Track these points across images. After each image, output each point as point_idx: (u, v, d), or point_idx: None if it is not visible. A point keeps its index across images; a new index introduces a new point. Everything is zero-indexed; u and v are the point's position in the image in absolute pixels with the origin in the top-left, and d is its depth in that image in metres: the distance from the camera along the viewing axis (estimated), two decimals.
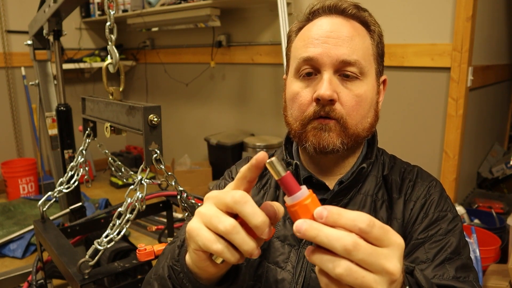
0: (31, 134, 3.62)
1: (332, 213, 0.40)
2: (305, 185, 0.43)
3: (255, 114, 3.12)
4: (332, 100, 0.68)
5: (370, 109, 0.73)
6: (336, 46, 0.69)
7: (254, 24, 2.96)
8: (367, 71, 0.72)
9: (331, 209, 0.41)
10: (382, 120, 0.81)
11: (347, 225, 0.40)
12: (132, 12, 3.26)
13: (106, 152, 1.47)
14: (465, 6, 1.99)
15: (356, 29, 0.72)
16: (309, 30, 0.73)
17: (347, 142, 0.71)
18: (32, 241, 2.44)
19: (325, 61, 0.69)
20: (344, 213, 0.40)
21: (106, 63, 1.14)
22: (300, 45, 0.73)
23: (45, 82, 2.05)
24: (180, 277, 0.52)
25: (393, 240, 0.41)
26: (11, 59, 3.41)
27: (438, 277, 0.65)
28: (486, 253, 1.83)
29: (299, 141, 0.75)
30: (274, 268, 0.75)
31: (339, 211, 0.40)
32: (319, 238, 0.40)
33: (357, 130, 0.72)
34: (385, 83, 0.80)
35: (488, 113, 2.72)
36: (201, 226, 0.45)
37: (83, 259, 1.01)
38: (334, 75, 0.70)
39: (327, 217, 0.40)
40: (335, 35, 0.70)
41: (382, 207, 0.74)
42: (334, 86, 0.69)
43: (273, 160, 0.42)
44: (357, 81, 0.71)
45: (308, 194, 0.43)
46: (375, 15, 0.79)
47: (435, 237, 0.69)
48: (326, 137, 0.70)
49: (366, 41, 0.73)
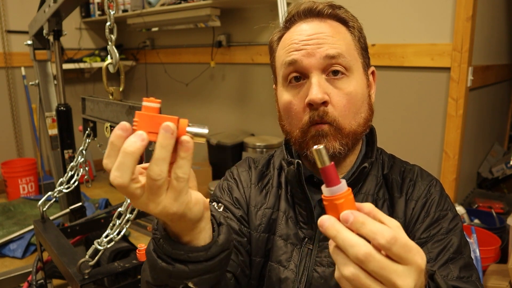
0: (31, 134, 3.62)
1: (357, 221, 0.41)
2: (344, 180, 0.44)
3: (255, 114, 3.12)
4: (324, 102, 0.69)
5: (362, 104, 0.73)
6: (318, 45, 0.69)
7: (254, 24, 2.96)
8: (353, 66, 0.72)
9: (358, 216, 0.41)
10: (382, 120, 0.81)
11: (368, 237, 0.40)
12: (132, 12, 3.26)
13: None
14: (465, 6, 1.99)
15: (335, 28, 0.72)
16: (289, 37, 0.73)
17: (346, 142, 0.71)
18: (32, 241, 2.44)
19: (310, 62, 0.69)
20: (368, 224, 0.41)
21: (106, 63, 1.14)
22: (283, 52, 0.74)
23: (45, 82, 2.05)
24: (161, 243, 0.50)
25: (413, 260, 0.41)
26: (11, 59, 3.41)
27: (442, 278, 0.65)
28: (486, 253, 1.83)
29: (299, 149, 0.75)
30: (277, 267, 0.75)
31: (364, 220, 0.41)
32: (336, 239, 0.41)
33: (352, 127, 0.72)
34: (374, 74, 0.80)
35: (488, 113, 2.72)
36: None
37: (83, 259, 1.01)
38: (322, 76, 0.70)
39: (351, 224, 0.41)
40: (315, 37, 0.70)
41: (384, 207, 0.74)
42: (324, 87, 0.69)
43: (321, 148, 0.43)
44: (345, 78, 0.71)
45: (344, 191, 0.43)
46: (375, 15, 0.79)
47: (437, 236, 0.69)
48: (325, 143, 0.70)
49: (346, 38, 0.73)
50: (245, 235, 0.78)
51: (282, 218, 0.78)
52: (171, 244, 0.50)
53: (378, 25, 2.28)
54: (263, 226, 0.78)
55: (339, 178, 0.43)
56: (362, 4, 2.31)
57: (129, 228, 2.44)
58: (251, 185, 0.83)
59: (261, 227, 0.79)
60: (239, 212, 0.80)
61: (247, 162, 0.89)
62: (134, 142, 0.41)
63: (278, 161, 0.85)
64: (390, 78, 2.30)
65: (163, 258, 0.50)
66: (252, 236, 0.79)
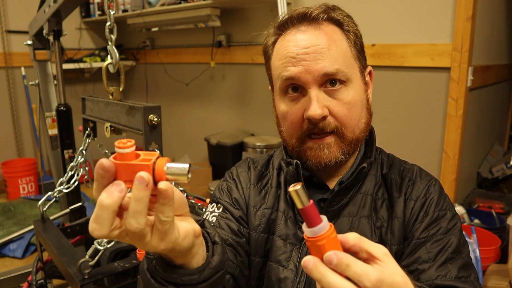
0: (31, 134, 3.62)
1: (341, 264, 0.40)
2: (325, 217, 0.42)
3: (255, 114, 3.12)
4: (324, 116, 0.69)
5: (362, 110, 0.74)
6: (315, 60, 0.68)
7: (254, 24, 2.96)
8: (351, 75, 0.71)
9: (342, 258, 0.40)
10: (382, 120, 0.82)
11: (354, 279, 0.40)
12: (132, 12, 3.26)
13: (106, 152, 1.47)
14: (465, 6, 1.99)
15: (331, 36, 0.71)
16: (285, 48, 0.72)
17: (348, 151, 0.72)
18: (32, 241, 2.44)
19: (307, 79, 0.69)
20: (353, 266, 0.40)
21: (106, 63, 1.14)
22: (279, 64, 0.72)
23: (45, 82, 2.05)
24: (153, 264, 0.51)
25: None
26: (11, 59, 3.41)
27: (441, 278, 0.65)
28: (486, 253, 1.83)
29: (298, 157, 0.75)
30: (276, 266, 0.75)
31: (348, 262, 0.40)
32: (321, 283, 0.41)
33: (355, 135, 0.72)
34: (371, 74, 0.80)
35: (488, 113, 2.72)
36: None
37: (83, 259, 1.01)
38: (320, 89, 0.70)
39: (336, 266, 0.40)
40: (311, 50, 0.69)
41: (383, 206, 0.75)
42: (322, 101, 0.69)
43: (299, 188, 0.41)
44: (343, 88, 0.70)
45: (325, 231, 0.42)
46: (375, 15, 0.79)
47: (436, 236, 0.70)
48: (326, 155, 0.71)
49: (343, 46, 0.72)
50: (244, 236, 0.78)
51: (281, 218, 0.78)
52: (164, 267, 0.50)
53: (378, 25, 2.28)
54: (262, 226, 0.79)
55: (319, 216, 0.42)
56: (362, 4, 2.31)
57: None
58: (251, 185, 0.83)
59: (260, 227, 0.79)
60: (238, 213, 0.80)
61: (246, 162, 0.89)
62: (110, 193, 0.40)
63: (277, 162, 0.85)
64: (390, 78, 2.30)
65: (157, 279, 0.51)
66: (251, 236, 0.79)
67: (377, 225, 0.73)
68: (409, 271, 0.68)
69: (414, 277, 0.67)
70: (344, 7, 0.77)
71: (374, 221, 0.73)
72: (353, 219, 0.74)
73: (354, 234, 0.43)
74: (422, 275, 0.66)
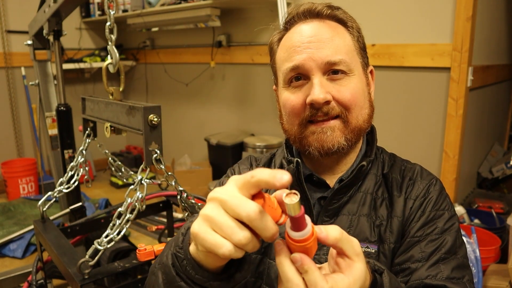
0: (31, 134, 3.62)
1: (301, 267, 0.43)
2: (310, 220, 0.43)
3: (255, 114, 3.12)
4: (327, 101, 0.70)
5: (365, 100, 0.75)
6: (319, 49, 0.70)
7: (254, 24, 2.96)
8: (353, 67, 0.73)
9: (303, 265, 0.42)
10: (382, 120, 0.82)
11: (307, 284, 0.43)
12: (132, 12, 3.26)
13: (106, 152, 1.47)
14: (465, 6, 1.99)
15: (335, 29, 0.73)
16: (290, 39, 0.74)
17: (350, 138, 0.72)
18: (32, 241, 2.44)
19: (311, 66, 0.70)
20: (309, 274, 0.42)
21: (106, 63, 1.14)
22: (284, 56, 0.74)
23: (45, 82, 2.05)
24: (184, 264, 0.52)
25: None
26: (11, 59, 3.41)
27: (431, 278, 0.65)
28: (486, 253, 1.83)
29: (300, 146, 0.75)
30: (275, 264, 0.75)
31: (308, 269, 0.42)
32: (278, 266, 0.44)
33: (358, 122, 0.73)
34: (373, 73, 0.81)
35: (488, 113, 2.72)
36: (207, 229, 0.44)
37: (83, 259, 1.01)
38: (323, 76, 0.71)
39: (298, 267, 0.43)
40: (316, 39, 0.71)
41: (382, 205, 0.75)
42: (325, 87, 0.70)
43: (295, 202, 0.41)
44: (346, 78, 0.72)
45: (307, 236, 0.42)
46: (375, 15, 0.80)
47: (431, 236, 0.70)
48: (329, 138, 0.71)
49: (346, 39, 0.74)
50: None
51: None
52: (195, 269, 0.51)
53: (378, 25, 2.28)
54: None
55: (306, 224, 0.43)
56: (362, 4, 2.31)
57: (129, 228, 2.45)
58: None
59: None
60: None
61: (249, 160, 0.90)
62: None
63: (279, 160, 0.86)
64: (390, 78, 2.30)
65: (183, 278, 0.52)
66: None
67: (376, 224, 0.73)
68: (401, 269, 0.69)
69: (406, 275, 0.67)
70: (344, 7, 0.78)
71: (373, 220, 0.74)
72: (352, 217, 0.74)
73: (336, 230, 0.44)
74: (413, 274, 0.67)
